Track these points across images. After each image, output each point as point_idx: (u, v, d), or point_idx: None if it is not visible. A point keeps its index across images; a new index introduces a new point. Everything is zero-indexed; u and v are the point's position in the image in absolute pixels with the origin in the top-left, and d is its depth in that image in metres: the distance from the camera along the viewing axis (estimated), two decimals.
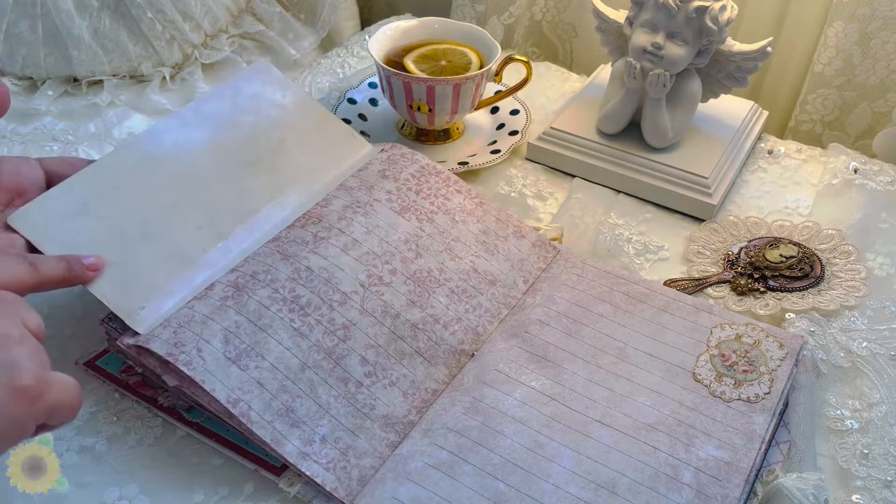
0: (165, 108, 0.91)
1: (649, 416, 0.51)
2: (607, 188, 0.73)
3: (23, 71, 0.91)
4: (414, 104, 0.72)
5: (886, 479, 0.51)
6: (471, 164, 0.72)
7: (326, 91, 0.85)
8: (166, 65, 0.94)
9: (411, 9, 1.04)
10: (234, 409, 0.47)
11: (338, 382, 0.50)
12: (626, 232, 0.69)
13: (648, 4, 0.68)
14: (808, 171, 0.76)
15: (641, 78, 0.70)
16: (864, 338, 0.59)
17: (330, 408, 0.49)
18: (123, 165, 0.56)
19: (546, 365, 0.54)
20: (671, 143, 0.73)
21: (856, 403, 0.55)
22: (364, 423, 0.50)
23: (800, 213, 0.71)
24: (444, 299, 0.56)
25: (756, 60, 0.70)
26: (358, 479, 0.47)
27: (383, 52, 0.75)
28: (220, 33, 0.98)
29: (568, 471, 0.48)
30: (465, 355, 0.55)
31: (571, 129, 0.75)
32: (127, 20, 0.89)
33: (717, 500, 0.46)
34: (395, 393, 0.51)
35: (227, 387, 0.48)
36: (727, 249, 0.67)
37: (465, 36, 0.77)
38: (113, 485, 0.48)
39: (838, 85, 0.89)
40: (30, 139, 0.85)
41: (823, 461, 0.52)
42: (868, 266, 0.65)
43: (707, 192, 0.70)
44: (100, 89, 0.92)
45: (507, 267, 0.60)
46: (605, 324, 0.57)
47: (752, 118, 0.78)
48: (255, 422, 0.47)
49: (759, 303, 0.61)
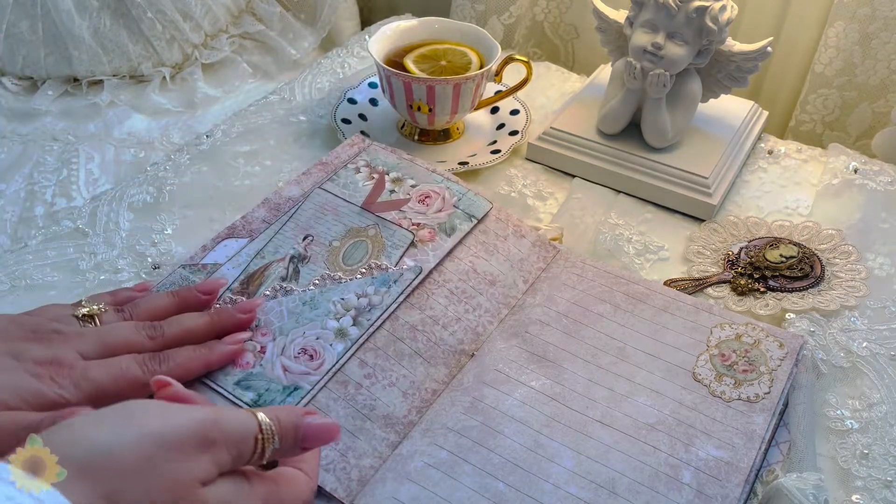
0: (165, 107, 0.92)
1: (649, 415, 0.51)
2: (607, 188, 0.73)
3: (23, 71, 0.91)
4: (414, 104, 0.72)
5: (886, 479, 0.50)
6: (471, 164, 0.72)
7: (326, 91, 0.85)
8: (166, 65, 0.94)
9: (411, 9, 1.04)
10: None
11: (337, 385, 0.50)
12: (626, 232, 0.69)
13: (648, 4, 0.68)
14: (808, 171, 0.76)
15: (641, 78, 0.70)
16: (864, 338, 0.59)
17: (329, 410, 0.49)
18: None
19: (546, 365, 0.54)
20: (671, 143, 0.73)
21: (856, 403, 0.55)
22: (364, 424, 0.50)
23: (800, 213, 0.71)
24: (443, 300, 0.56)
25: (756, 60, 0.70)
26: (358, 479, 0.47)
27: (383, 52, 0.75)
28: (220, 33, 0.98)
29: (568, 471, 0.48)
30: (465, 355, 0.55)
31: (571, 129, 0.75)
32: (127, 20, 0.89)
33: (717, 500, 0.46)
34: (394, 393, 0.51)
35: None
36: (727, 249, 0.67)
37: (465, 36, 0.77)
38: None
39: (839, 85, 0.89)
40: (30, 139, 0.85)
41: (823, 461, 0.52)
42: (868, 266, 0.65)
43: (707, 192, 0.70)
44: (100, 89, 0.92)
45: (506, 267, 0.60)
46: (605, 324, 0.57)
47: (752, 118, 0.78)
48: None
49: (759, 303, 0.61)
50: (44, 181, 0.80)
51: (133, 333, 0.49)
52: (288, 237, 0.58)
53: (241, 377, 0.49)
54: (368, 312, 0.54)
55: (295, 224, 0.59)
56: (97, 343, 0.47)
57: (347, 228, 0.59)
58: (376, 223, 0.59)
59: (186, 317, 0.51)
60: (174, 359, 0.48)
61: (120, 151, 0.85)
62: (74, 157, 0.83)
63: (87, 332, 0.48)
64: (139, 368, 0.46)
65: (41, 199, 0.78)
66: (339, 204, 0.61)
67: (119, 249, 0.64)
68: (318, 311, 0.53)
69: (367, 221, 0.60)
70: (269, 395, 0.49)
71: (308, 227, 0.59)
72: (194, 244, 0.64)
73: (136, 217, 0.68)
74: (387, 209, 0.61)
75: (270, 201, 0.62)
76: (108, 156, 0.84)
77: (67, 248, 0.64)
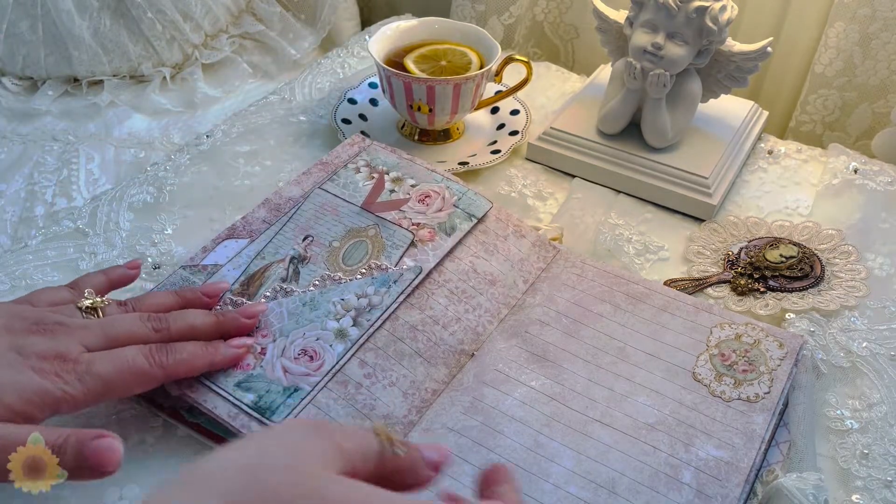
0: (165, 108, 0.92)
1: (649, 415, 0.51)
2: (607, 188, 0.73)
3: (23, 71, 0.91)
4: (414, 104, 0.72)
5: (886, 479, 0.50)
6: (471, 165, 0.72)
7: (326, 91, 0.85)
8: (166, 65, 0.94)
9: (411, 9, 1.04)
10: (234, 422, 0.48)
11: (337, 385, 0.50)
12: (626, 232, 0.69)
13: (649, 5, 0.68)
14: (808, 172, 0.76)
15: (641, 78, 0.70)
16: (864, 338, 0.59)
17: (329, 410, 0.49)
18: None
19: (546, 364, 0.54)
20: (671, 143, 0.73)
21: (856, 403, 0.55)
22: (364, 424, 0.50)
23: (800, 214, 0.71)
24: (443, 300, 0.56)
25: (756, 60, 0.70)
26: None
27: (383, 52, 0.75)
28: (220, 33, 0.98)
29: (568, 470, 0.48)
30: (465, 355, 0.55)
31: (571, 129, 0.75)
32: (127, 20, 0.89)
33: (717, 500, 0.46)
34: (394, 393, 0.51)
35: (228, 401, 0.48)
36: (727, 249, 0.67)
37: (465, 36, 0.77)
38: (113, 485, 0.48)
39: (839, 86, 0.89)
40: (30, 139, 0.85)
41: (823, 461, 0.52)
42: (868, 266, 0.65)
43: (707, 192, 0.70)
44: (100, 89, 0.92)
45: (506, 267, 0.60)
46: (605, 323, 0.57)
47: (752, 118, 0.78)
48: (255, 430, 0.47)
49: (759, 303, 0.61)
50: (44, 181, 0.80)
51: (138, 325, 0.48)
52: (288, 238, 0.58)
53: (241, 378, 0.49)
54: (368, 313, 0.54)
55: (295, 225, 0.59)
56: (101, 335, 0.47)
57: (347, 229, 0.59)
58: (376, 223, 0.59)
59: (191, 313, 0.50)
60: (180, 352, 0.47)
61: (120, 151, 0.85)
62: (74, 157, 0.83)
63: (91, 324, 0.47)
64: (145, 360, 0.46)
65: (41, 199, 0.78)
66: (338, 204, 0.61)
67: (119, 249, 0.65)
68: (318, 312, 0.53)
69: (367, 221, 0.60)
70: (270, 396, 0.49)
71: (308, 228, 0.59)
72: (194, 244, 0.64)
73: (137, 217, 0.68)
74: (387, 209, 0.61)
75: (271, 202, 0.62)
76: (108, 156, 0.84)
77: (67, 248, 0.64)
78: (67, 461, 0.40)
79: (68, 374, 0.44)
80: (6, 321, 0.46)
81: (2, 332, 0.45)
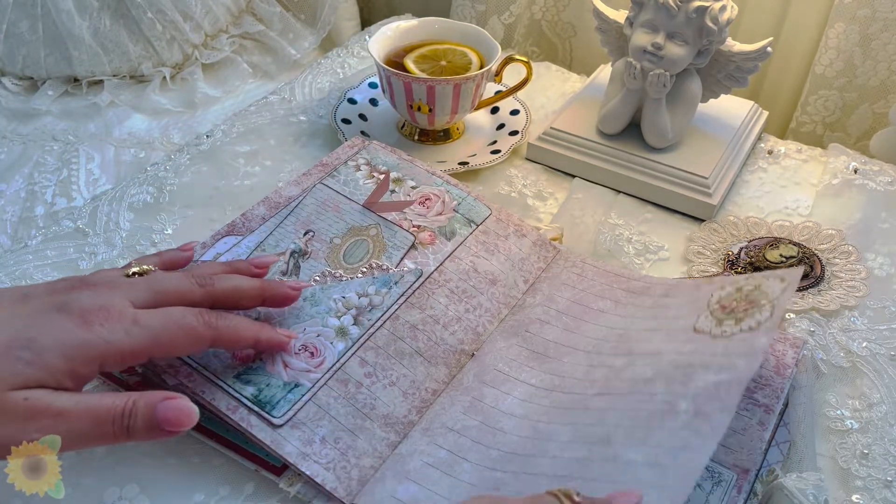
0: (165, 108, 0.92)
1: (647, 373, 0.48)
2: (607, 188, 0.73)
3: (23, 71, 0.91)
4: (414, 104, 0.72)
5: (886, 479, 0.50)
6: (471, 165, 0.72)
7: (326, 91, 0.85)
8: (166, 65, 0.94)
9: (411, 9, 1.04)
10: (233, 415, 0.47)
11: (337, 383, 0.50)
12: (626, 232, 0.69)
13: (648, 4, 0.68)
14: (808, 172, 0.76)
15: (641, 78, 0.70)
16: (864, 338, 0.59)
17: (330, 408, 0.49)
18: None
19: (546, 361, 0.54)
20: (671, 143, 0.73)
21: (856, 403, 0.55)
22: (364, 423, 0.50)
23: (800, 214, 0.71)
24: (443, 300, 0.56)
25: (756, 61, 0.70)
26: (358, 478, 0.47)
27: (383, 52, 0.75)
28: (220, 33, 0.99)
29: (564, 442, 0.47)
30: (465, 355, 0.55)
31: (571, 129, 0.75)
32: (127, 20, 0.89)
33: (716, 413, 0.42)
34: (395, 393, 0.51)
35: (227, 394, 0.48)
36: (727, 249, 0.67)
37: (465, 36, 0.77)
38: (113, 485, 0.48)
39: (839, 86, 0.89)
40: (30, 139, 0.86)
41: (823, 461, 0.52)
42: (868, 266, 0.65)
43: (707, 192, 0.70)
44: (100, 89, 0.92)
45: (507, 266, 0.60)
46: (607, 318, 0.57)
47: (752, 118, 0.78)
48: (254, 425, 0.47)
49: None
50: (44, 181, 0.80)
51: (183, 281, 0.47)
52: (289, 231, 0.58)
53: (241, 371, 0.49)
54: (369, 312, 0.54)
55: (296, 219, 0.59)
56: (148, 289, 0.45)
57: (349, 226, 0.59)
58: (378, 223, 0.59)
59: (237, 276, 0.50)
60: (230, 319, 0.46)
61: (120, 151, 0.85)
62: (74, 157, 0.83)
63: (137, 281, 0.46)
64: (195, 319, 0.45)
65: (41, 199, 0.78)
66: (340, 201, 0.61)
67: (119, 249, 0.65)
68: (319, 308, 0.53)
69: (369, 221, 0.60)
70: (270, 390, 0.49)
71: (309, 223, 0.59)
72: None
73: (137, 217, 0.68)
74: (389, 209, 0.61)
75: (271, 200, 0.62)
76: (108, 156, 0.84)
77: (68, 248, 0.64)
78: (137, 425, 0.40)
79: (114, 325, 0.42)
80: (50, 284, 0.45)
81: (43, 294, 0.44)
